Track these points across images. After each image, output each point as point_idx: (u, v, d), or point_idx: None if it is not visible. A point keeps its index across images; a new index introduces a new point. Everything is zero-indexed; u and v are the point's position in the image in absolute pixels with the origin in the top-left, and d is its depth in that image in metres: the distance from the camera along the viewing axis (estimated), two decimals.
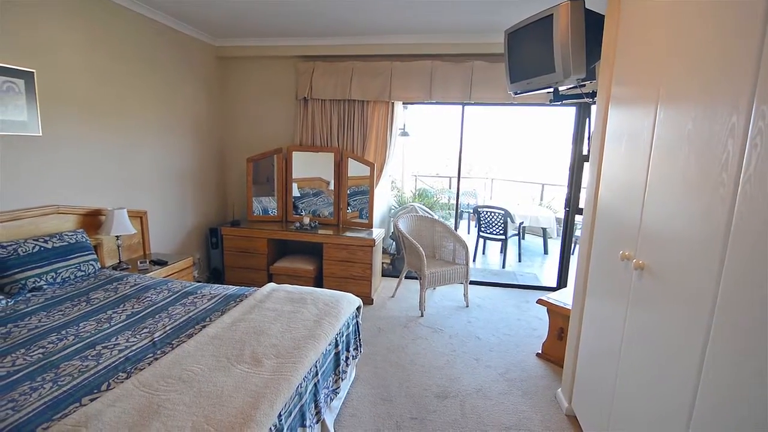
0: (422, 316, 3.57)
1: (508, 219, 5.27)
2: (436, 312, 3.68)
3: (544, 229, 6.02)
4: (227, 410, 1.35)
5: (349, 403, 2.34)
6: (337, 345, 2.10)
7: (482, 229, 5.53)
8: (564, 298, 2.88)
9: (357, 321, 2.46)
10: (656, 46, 1.52)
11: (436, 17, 3.26)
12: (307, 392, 1.69)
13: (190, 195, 4.09)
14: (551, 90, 2.38)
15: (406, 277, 4.12)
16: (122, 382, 1.52)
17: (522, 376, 2.70)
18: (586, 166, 3.74)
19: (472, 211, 6.74)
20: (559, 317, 2.81)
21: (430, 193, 6.94)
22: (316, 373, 1.80)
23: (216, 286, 2.58)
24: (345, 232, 3.90)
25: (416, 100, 4.02)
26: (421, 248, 3.51)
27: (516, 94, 2.63)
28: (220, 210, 4.62)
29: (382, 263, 4.53)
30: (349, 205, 4.22)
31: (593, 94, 2.31)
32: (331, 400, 2.01)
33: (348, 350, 2.27)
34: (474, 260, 5.48)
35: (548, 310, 2.92)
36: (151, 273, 2.89)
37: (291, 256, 4.15)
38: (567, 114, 4.06)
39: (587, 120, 3.77)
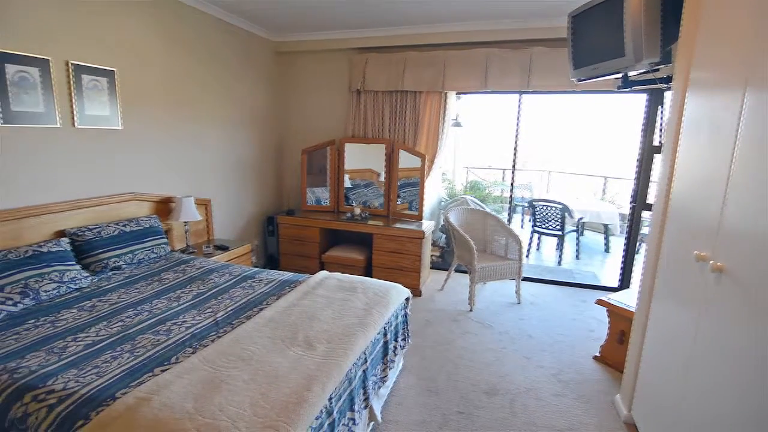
0: (471, 310, 3.52)
1: (566, 214, 5.01)
2: (485, 307, 3.61)
3: (605, 226, 5.66)
4: (282, 390, 1.42)
5: (396, 391, 2.37)
6: (385, 334, 2.13)
7: (537, 223, 5.31)
8: (626, 299, 2.70)
9: (405, 312, 2.48)
10: (746, 24, 1.36)
11: (493, 2, 3.14)
12: (356, 378, 1.73)
13: (250, 184, 4.30)
14: (620, 76, 2.22)
15: (455, 271, 4.07)
16: (189, 356, 1.64)
17: (577, 378, 2.58)
18: (657, 158, 3.46)
19: (526, 204, 6.49)
20: (620, 319, 2.65)
21: (482, 186, 6.77)
22: (365, 361, 1.84)
23: (272, 271, 2.71)
24: (395, 224, 3.91)
25: (470, 89, 3.91)
26: (471, 242, 3.44)
27: (579, 81, 2.47)
28: (277, 199, 4.82)
29: (431, 255, 4.51)
30: (399, 196, 4.23)
31: (668, 79, 2.12)
32: (379, 387, 2.04)
33: (396, 340, 2.30)
34: (527, 256, 5.28)
35: (608, 312, 2.75)
36: (214, 257, 3.09)
37: (342, 246, 4.25)
38: (636, 101, 3.77)
39: (659, 108, 3.46)
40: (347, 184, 4.43)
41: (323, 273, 2.64)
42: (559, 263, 5.12)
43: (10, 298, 1.95)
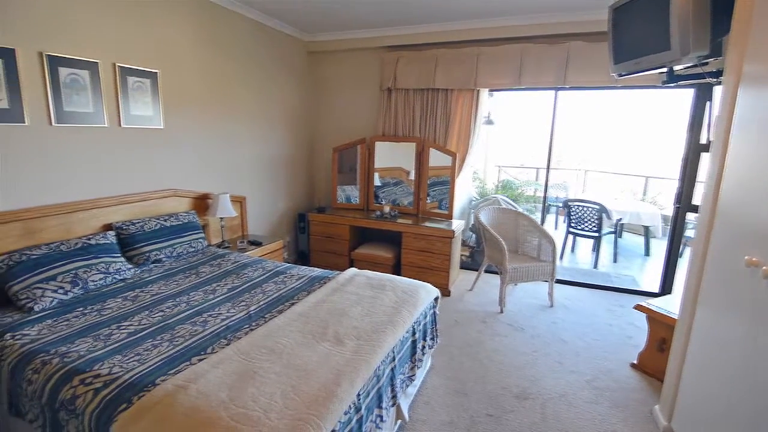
0: (502, 312, 3.45)
1: (604, 215, 4.82)
2: (517, 309, 3.53)
3: (646, 228, 5.40)
4: (312, 383, 1.45)
5: (423, 391, 2.36)
6: (414, 333, 2.12)
7: (572, 224, 5.13)
8: (668, 305, 2.57)
9: (434, 311, 2.46)
10: None
11: None
12: (384, 375, 1.74)
13: (282, 182, 4.40)
14: (664, 70, 2.10)
15: (485, 271, 4.01)
16: (223, 347, 1.70)
17: (612, 386, 2.48)
18: (704, 156, 3.27)
19: (561, 204, 6.30)
20: (661, 326, 2.52)
21: (515, 185, 6.62)
22: (393, 359, 1.84)
23: (303, 267, 2.76)
24: (424, 222, 3.89)
25: (504, 86, 3.83)
26: (503, 242, 3.38)
27: (620, 76, 2.37)
28: (308, 197, 4.90)
29: (461, 255, 4.45)
30: (428, 195, 4.20)
31: (718, 74, 1.99)
32: (407, 386, 2.04)
33: (425, 339, 2.29)
34: (561, 258, 5.12)
35: (648, 318, 2.63)
36: (248, 252, 3.18)
37: (371, 244, 4.27)
38: (682, 97, 3.57)
39: (708, 103, 3.27)
40: (377, 182, 4.45)
41: (353, 270, 2.66)
42: (595, 266, 4.93)
43: (62, 286, 2.08)
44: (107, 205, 2.59)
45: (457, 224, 3.89)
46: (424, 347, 2.27)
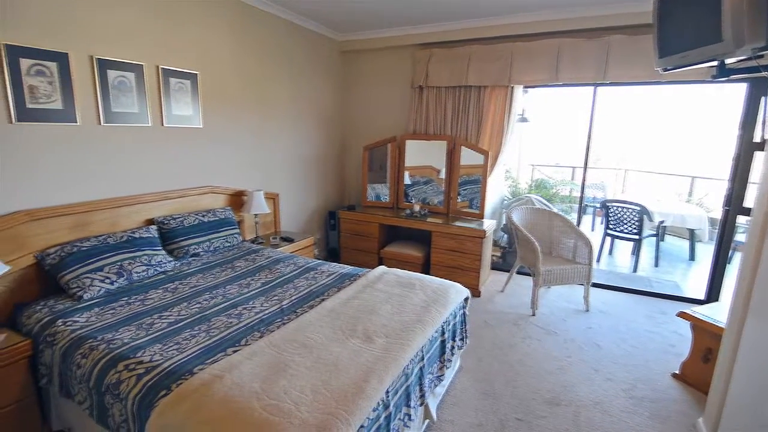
0: (534, 315, 3.37)
1: (645, 216, 4.60)
2: (549, 312, 3.43)
3: (691, 231, 5.11)
4: (341, 379, 1.47)
5: (452, 391, 2.34)
6: (443, 333, 2.11)
7: (611, 226, 4.93)
8: (715, 313, 2.43)
9: (464, 312, 2.43)
10: None
11: None
12: (413, 374, 1.74)
13: (314, 180, 4.47)
14: (714, 64, 1.98)
15: (517, 273, 3.92)
16: (257, 340, 1.75)
17: (651, 396, 2.37)
18: (758, 155, 3.06)
19: (599, 205, 6.06)
20: (706, 335, 2.38)
21: (549, 185, 6.43)
22: (422, 358, 1.83)
23: (333, 264, 2.80)
24: (454, 222, 3.85)
25: (539, 82, 3.72)
26: (536, 243, 3.29)
27: (665, 71, 2.24)
28: (339, 195, 4.96)
29: (492, 256, 4.38)
30: (459, 194, 4.15)
31: None
32: (435, 386, 2.03)
33: (454, 339, 2.27)
34: (598, 260, 4.94)
35: (692, 326, 2.49)
36: (280, 248, 3.26)
37: (400, 242, 4.27)
38: (733, 92, 3.35)
39: (762, 99, 3.05)
40: (407, 180, 4.44)
41: (382, 268, 2.67)
42: (635, 270, 4.72)
43: (108, 277, 2.20)
44: (150, 201, 2.72)
45: (489, 224, 3.83)
46: (453, 347, 2.25)
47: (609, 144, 7.96)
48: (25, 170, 2.11)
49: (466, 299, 2.47)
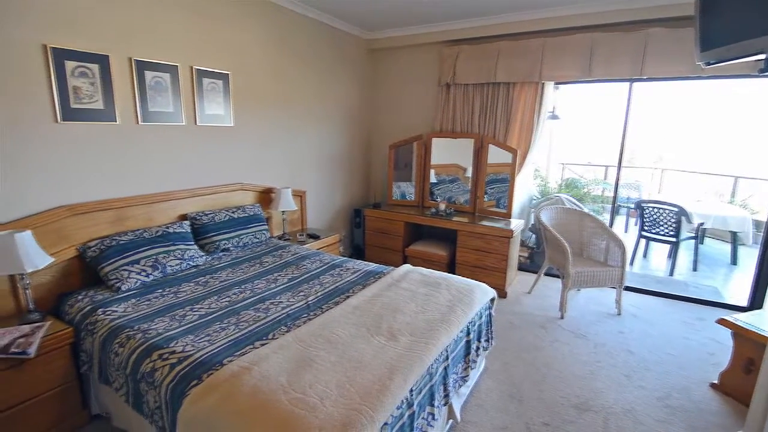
0: (562, 318, 3.28)
1: (683, 218, 4.39)
2: (579, 316, 3.34)
3: (733, 234, 4.84)
4: (366, 376, 1.48)
5: (476, 393, 2.31)
6: (468, 333, 2.08)
7: (646, 227, 4.74)
8: (759, 321, 2.30)
9: (490, 312, 2.40)
10: None
11: None
12: (437, 374, 1.73)
13: (340, 178, 4.51)
14: (762, 57, 1.86)
15: (545, 274, 3.82)
16: (283, 334, 1.79)
17: (687, 406, 2.26)
18: None
19: (633, 206, 5.84)
20: (748, 344, 2.26)
21: (580, 184, 6.23)
22: (447, 357, 1.82)
23: (358, 261, 2.82)
24: (481, 221, 3.80)
25: (571, 78, 3.62)
26: (566, 244, 3.20)
27: (708, 65, 2.12)
28: (364, 192, 4.98)
29: (519, 256, 4.30)
30: (486, 193, 4.09)
31: None
32: (460, 386, 2.01)
33: (479, 340, 2.24)
34: (632, 263, 4.75)
35: (733, 334, 2.36)
36: (307, 245, 3.31)
37: (425, 241, 4.25)
38: None
39: None
40: (432, 179, 4.41)
41: (407, 266, 2.67)
42: (671, 273, 4.52)
43: (144, 270, 2.30)
44: (183, 197, 2.82)
45: (516, 224, 3.75)
46: (478, 348, 2.22)
47: (645, 142, 7.65)
48: (68, 167, 2.23)
49: (492, 300, 2.43)
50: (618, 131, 3.83)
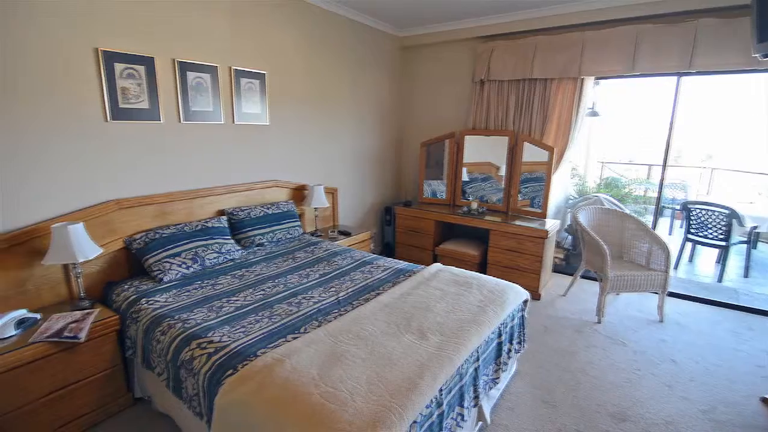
0: (599, 322, 3.16)
1: (734, 221, 4.12)
2: (617, 321, 3.20)
3: None
4: (395, 373, 1.48)
5: (507, 396, 2.27)
6: (500, 335, 2.04)
7: (693, 230, 4.48)
8: None
9: (523, 314, 2.34)
10: None
11: None
12: (467, 375, 1.71)
13: (371, 175, 4.53)
14: None
15: (582, 277, 3.70)
16: (315, 328, 1.82)
17: (735, 420, 2.13)
18: None
19: (679, 207, 5.54)
20: None
21: (621, 183, 5.97)
22: (477, 359, 1.79)
23: (388, 259, 2.82)
24: (514, 221, 3.71)
25: (614, 73, 3.45)
26: (604, 246, 3.07)
27: (765, 56, 1.99)
28: (395, 190, 4.99)
29: (554, 258, 4.17)
30: (520, 192, 3.99)
31: None
32: (490, 388, 1.98)
33: (511, 342, 2.19)
34: (676, 268, 4.51)
35: None
36: (338, 241, 3.35)
37: (456, 240, 4.21)
38: None
39: None
40: (464, 177, 4.35)
41: (437, 265, 2.65)
42: (720, 280, 4.25)
43: (185, 262, 2.40)
44: (221, 193, 2.92)
45: (551, 224, 3.64)
46: (510, 350, 2.17)
47: (693, 140, 7.21)
48: (116, 164, 2.36)
49: (525, 302, 2.37)
50: (663, 128, 3.64)
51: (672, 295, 3.62)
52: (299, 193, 3.54)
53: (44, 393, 1.80)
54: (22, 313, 1.88)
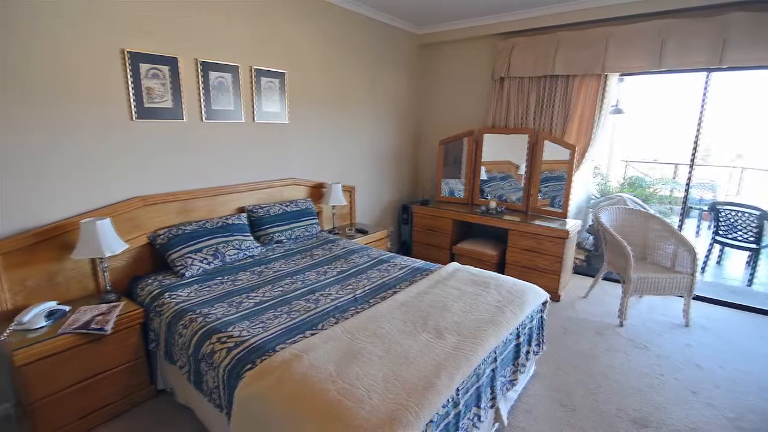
0: (621, 325, 3.08)
1: (766, 222, 3.96)
2: (640, 324, 3.12)
3: None
4: (411, 372, 1.48)
5: (525, 398, 2.24)
6: (518, 336, 2.02)
7: (721, 232, 4.32)
8: None
9: (542, 316, 2.31)
10: None
11: None
12: (485, 375, 1.69)
13: (389, 174, 4.53)
14: None
15: (603, 278, 3.62)
16: (332, 325, 1.83)
17: (764, 429, 2.05)
18: None
19: (707, 208, 5.35)
20: None
21: (646, 183, 5.80)
22: (495, 359, 1.78)
23: (405, 258, 2.82)
24: (534, 220, 3.65)
25: (639, 69, 3.36)
26: (628, 247, 3.00)
27: None
28: (412, 189, 4.97)
29: (575, 259, 4.09)
30: (540, 191, 3.93)
31: None
32: (507, 389, 1.96)
33: (530, 344, 2.16)
34: (703, 270, 4.36)
35: None
36: (355, 239, 3.36)
37: (474, 239, 4.17)
38: None
39: None
40: (483, 176, 4.31)
41: (455, 264, 2.63)
42: (750, 284, 4.09)
43: (206, 258, 2.45)
44: (241, 191, 2.97)
45: (572, 224, 3.57)
46: (528, 352, 2.15)
47: (722, 138, 6.95)
48: (141, 162, 2.43)
49: (545, 303, 2.34)
50: (691, 126, 3.52)
51: (698, 298, 3.50)
52: (317, 191, 3.57)
53: (73, 382, 1.87)
54: (52, 305, 1.96)
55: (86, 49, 2.11)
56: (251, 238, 2.80)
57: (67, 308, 2.01)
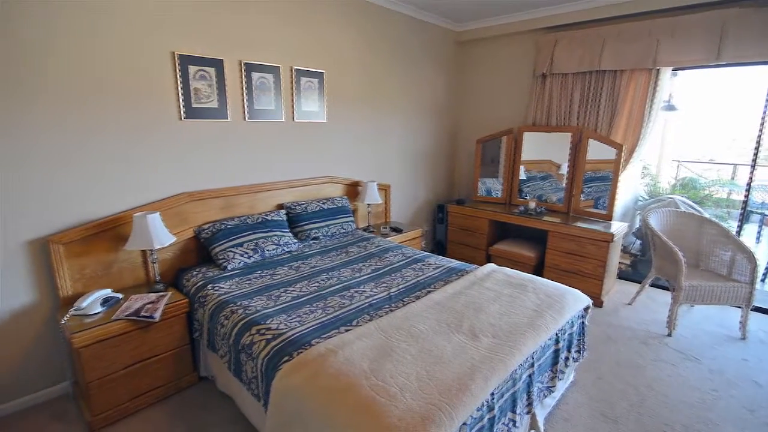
0: (670, 335, 2.91)
1: None
2: (691, 335, 2.93)
3: None
4: (445, 373, 1.47)
5: (563, 406, 2.16)
6: (557, 341, 1.95)
7: None
8: None
9: (583, 321, 2.22)
10: None
11: None
12: (521, 380, 1.65)
13: (424, 172, 4.50)
14: None
15: (651, 285, 3.42)
16: (366, 322, 1.85)
17: None
18: None
19: None
20: None
21: (700, 185, 5.44)
22: (532, 365, 1.73)
23: (440, 257, 2.79)
24: (575, 222, 3.51)
25: (695, 63, 3.14)
26: (679, 252, 2.82)
27: None
28: (448, 188, 4.92)
29: (620, 263, 3.89)
30: (583, 192, 3.77)
31: None
32: (545, 396, 1.90)
33: (569, 350, 2.08)
34: (763, 280, 4.03)
35: None
36: (389, 238, 3.37)
37: (511, 240, 4.07)
38: None
39: None
40: (522, 175, 4.19)
41: (491, 266, 2.58)
42: None
43: (246, 252, 2.54)
44: (280, 188, 3.05)
45: (618, 227, 3.40)
46: (567, 359, 2.07)
47: None
48: (188, 159, 2.55)
49: (587, 308, 2.24)
50: (753, 124, 3.25)
51: (757, 309, 3.24)
52: (353, 189, 3.61)
53: (124, 365, 1.99)
54: (107, 292, 2.10)
55: (141, 52, 2.24)
56: (289, 234, 2.87)
57: (120, 296, 2.15)
